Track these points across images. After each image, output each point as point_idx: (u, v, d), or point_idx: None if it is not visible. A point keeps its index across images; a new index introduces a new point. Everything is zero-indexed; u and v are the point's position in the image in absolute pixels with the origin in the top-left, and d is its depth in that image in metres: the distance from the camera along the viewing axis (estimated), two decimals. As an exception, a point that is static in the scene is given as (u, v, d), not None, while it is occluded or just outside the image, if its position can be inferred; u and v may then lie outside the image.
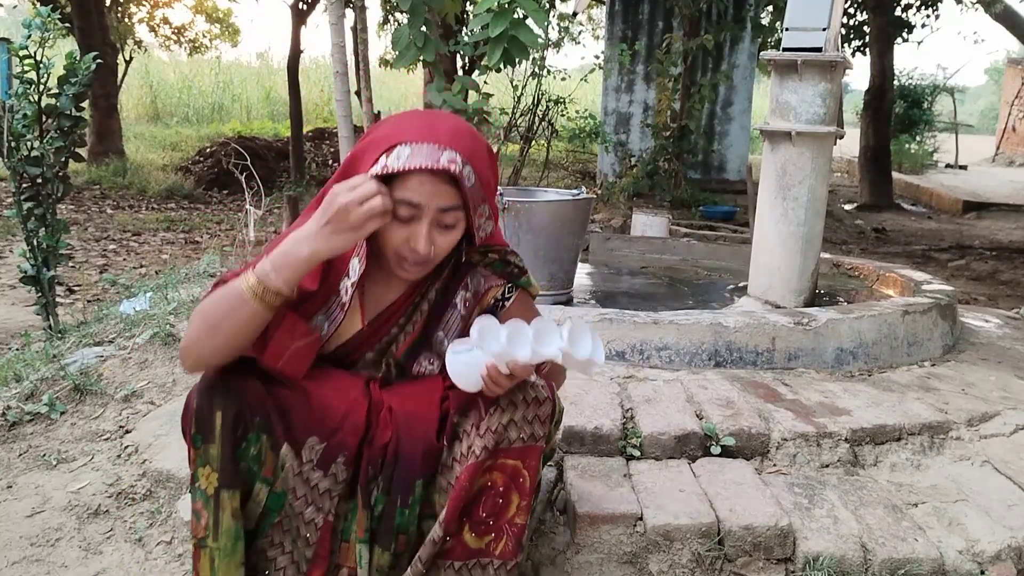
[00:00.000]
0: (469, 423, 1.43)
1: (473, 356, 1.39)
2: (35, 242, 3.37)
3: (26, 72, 3.26)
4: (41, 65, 3.25)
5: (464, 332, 1.52)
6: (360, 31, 4.18)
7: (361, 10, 4.16)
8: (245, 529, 1.41)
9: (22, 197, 3.32)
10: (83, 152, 6.22)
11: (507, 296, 1.57)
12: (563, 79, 9.88)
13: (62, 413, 2.40)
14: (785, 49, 3.26)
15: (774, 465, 2.10)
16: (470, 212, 1.40)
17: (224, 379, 1.39)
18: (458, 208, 1.38)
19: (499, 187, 3.77)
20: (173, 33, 16.42)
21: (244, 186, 6.01)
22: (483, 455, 1.40)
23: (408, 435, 1.44)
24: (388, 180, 1.35)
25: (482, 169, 1.40)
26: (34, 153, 3.31)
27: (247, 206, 5.42)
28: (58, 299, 3.66)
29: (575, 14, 16.18)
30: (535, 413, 1.43)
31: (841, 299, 3.66)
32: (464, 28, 8.81)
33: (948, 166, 17.41)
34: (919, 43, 13.98)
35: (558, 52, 16.52)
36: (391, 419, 1.45)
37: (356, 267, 1.43)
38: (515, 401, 1.42)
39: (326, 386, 1.47)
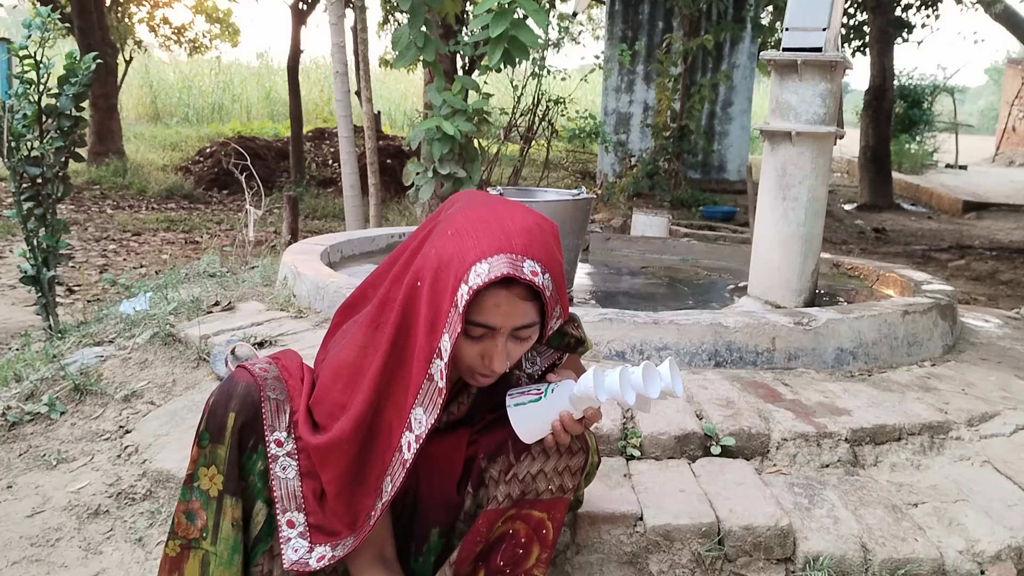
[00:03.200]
0: (496, 468, 1.37)
1: (544, 404, 1.31)
2: (35, 242, 3.37)
3: (26, 72, 3.26)
4: (41, 65, 3.25)
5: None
6: (360, 31, 4.19)
7: (361, 10, 4.17)
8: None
9: (22, 197, 3.32)
10: (83, 152, 6.22)
11: (555, 365, 1.50)
12: (563, 79, 9.90)
13: (62, 413, 2.40)
14: (785, 49, 3.26)
15: (774, 465, 2.10)
16: (546, 319, 1.29)
17: (248, 384, 1.34)
18: (534, 324, 1.28)
19: (500, 188, 3.78)
20: (173, 33, 16.44)
21: (244, 186, 6.01)
22: (506, 503, 1.35)
23: (428, 483, 1.40)
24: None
25: (557, 272, 1.26)
26: (34, 153, 3.31)
27: (247, 206, 5.42)
28: (58, 299, 3.66)
29: (575, 14, 16.20)
30: (567, 464, 1.36)
31: (841, 299, 3.67)
32: (464, 28, 8.81)
33: (948, 166, 17.43)
34: (919, 43, 14.00)
35: (558, 52, 16.54)
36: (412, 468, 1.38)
37: (424, 420, 1.28)
38: (547, 450, 1.35)
39: None
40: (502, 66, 3.40)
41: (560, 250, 1.30)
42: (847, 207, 11.33)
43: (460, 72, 10.42)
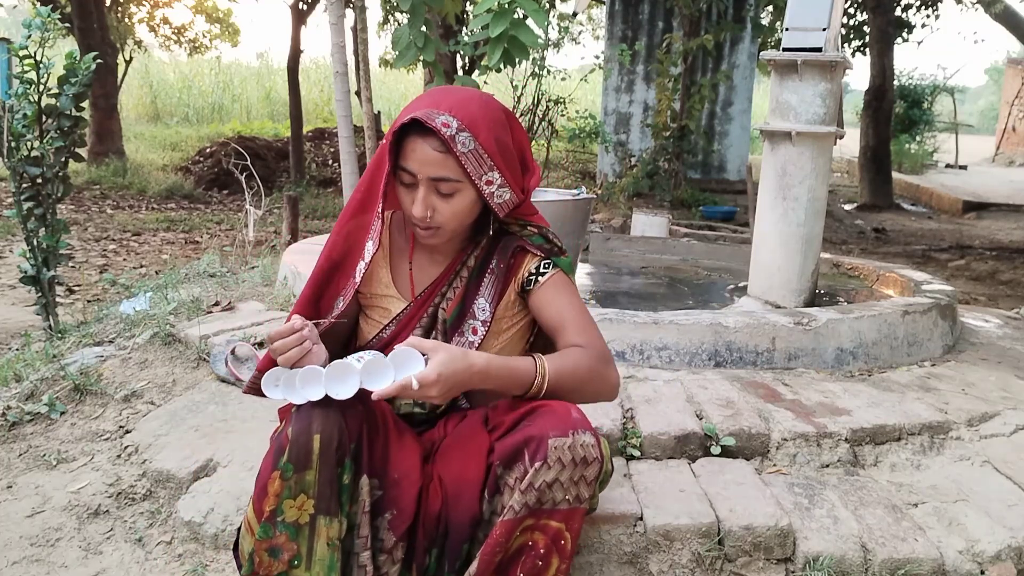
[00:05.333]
0: (513, 476, 1.36)
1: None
2: (35, 242, 3.36)
3: (26, 72, 3.25)
4: (41, 65, 3.24)
5: (501, 297, 1.54)
6: (360, 31, 4.18)
7: (361, 10, 4.16)
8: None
9: (22, 197, 3.31)
10: (83, 152, 6.22)
11: (542, 272, 1.54)
12: (563, 79, 9.88)
13: (62, 413, 2.40)
14: (785, 49, 3.26)
15: (774, 465, 2.11)
16: (472, 180, 1.41)
17: (323, 403, 1.36)
18: (450, 179, 1.41)
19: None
20: (173, 33, 16.43)
21: (244, 186, 6.01)
22: (523, 512, 1.34)
23: (456, 502, 1.41)
24: (398, 149, 1.43)
25: (486, 137, 1.40)
26: (34, 153, 3.30)
27: (247, 206, 5.42)
28: (58, 299, 3.66)
29: (575, 14, 16.19)
30: (582, 474, 1.35)
31: (841, 299, 3.67)
32: (464, 28, 8.81)
33: (948, 166, 17.43)
34: (919, 43, 14.00)
35: (558, 52, 16.53)
36: (441, 489, 1.42)
37: (370, 249, 1.49)
38: (563, 459, 1.34)
39: (395, 440, 1.46)
40: (502, 66, 3.39)
41: (509, 130, 1.46)
42: (847, 207, 11.32)
43: (460, 72, 10.42)
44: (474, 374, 1.36)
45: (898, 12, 12.36)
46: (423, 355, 1.35)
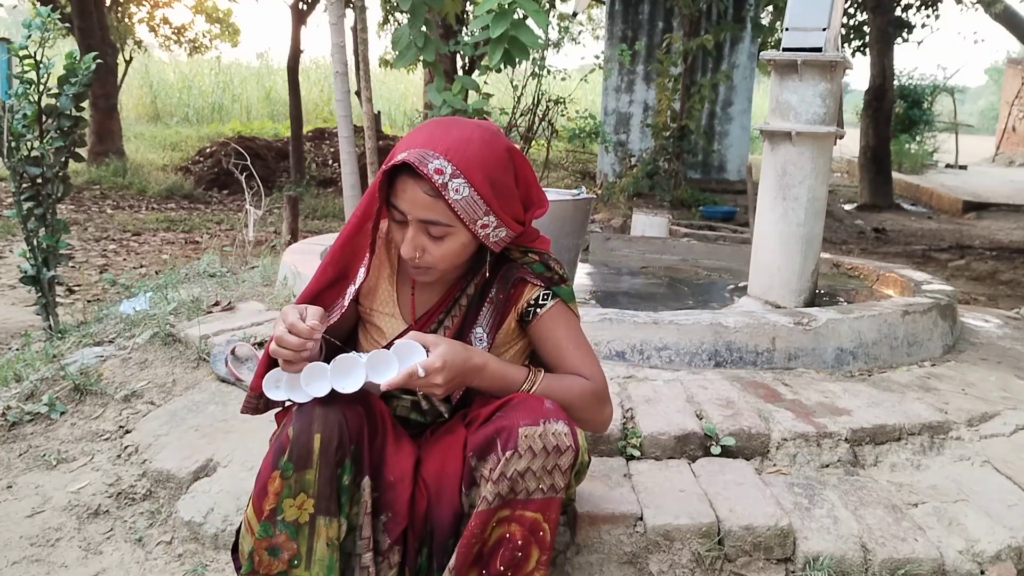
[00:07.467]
0: (487, 468, 1.36)
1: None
2: (35, 242, 3.36)
3: (26, 72, 3.25)
4: (41, 65, 3.24)
5: (499, 326, 1.53)
6: (360, 31, 4.18)
7: (361, 10, 4.17)
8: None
9: (22, 197, 3.31)
10: (83, 152, 6.21)
11: (542, 303, 1.52)
12: (563, 79, 9.87)
13: (62, 413, 2.40)
14: (785, 49, 3.26)
15: (774, 465, 2.11)
16: (466, 224, 1.38)
17: (324, 402, 1.36)
18: (440, 223, 1.38)
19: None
20: (173, 33, 16.44)
21: (244, 186, 6.01)
22: (496, 502, 1.34)
23: (438, 500, 1.41)
24: (391, 182, 1.40)
25: (482, 181, 1.36)
26: (34, 153, 3.30)
27: (247, 206, 5.42)
28: (58, 299, 3.66)
29: (575, 14, 16.20)
30: (555, 463, 1.34)
31: (841, 299, 3.67)
32: (464, 28, 8.81)
33: (948, 166, 17.43)
34: (919, 43, 14.00)
35: (558, 52, 16.53)
36: (425, 488, 1.43)
37: (361, 275, 1.48)
38: (533, 447, 1.33)
39: (392, 443, 1.46)
40: (502, 66, 3.39)
41: (513, 168, 1.42)
42: (847, 207, 11.32)
43: (460, 72, 10.42)
44: (472, 368, 1.40)
45: (898, 12, 12.36)
46: (424, 348, 1.36)
